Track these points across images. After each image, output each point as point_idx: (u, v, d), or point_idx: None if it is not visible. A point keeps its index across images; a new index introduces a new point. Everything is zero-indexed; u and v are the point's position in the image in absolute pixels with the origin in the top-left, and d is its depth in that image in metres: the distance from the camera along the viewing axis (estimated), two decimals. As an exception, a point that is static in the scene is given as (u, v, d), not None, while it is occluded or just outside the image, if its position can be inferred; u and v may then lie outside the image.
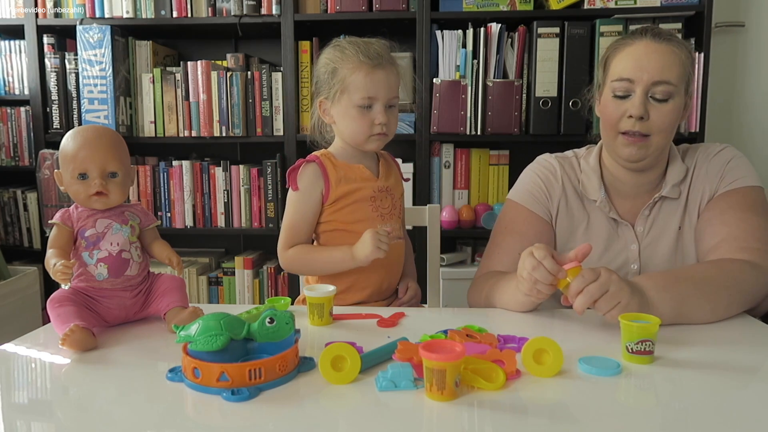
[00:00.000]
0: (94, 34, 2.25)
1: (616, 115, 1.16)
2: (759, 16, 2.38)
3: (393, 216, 1.25)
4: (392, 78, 1.18)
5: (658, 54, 1.13)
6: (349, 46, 1.17)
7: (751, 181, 1.19)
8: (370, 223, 1.21)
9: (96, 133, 1.03)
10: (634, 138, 1.15)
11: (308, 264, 1.22)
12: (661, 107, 1.13)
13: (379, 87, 1.15)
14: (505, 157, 2.32)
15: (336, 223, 1.22)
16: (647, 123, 1.13)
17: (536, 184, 1.28)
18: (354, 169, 1.21)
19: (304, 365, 0.82)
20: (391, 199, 1.24)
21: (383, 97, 1.16)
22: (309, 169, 1.20)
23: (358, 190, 1.20)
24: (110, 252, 1.01)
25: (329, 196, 1.20)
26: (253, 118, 2.31)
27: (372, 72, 1.15)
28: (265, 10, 2.25)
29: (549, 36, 2.13)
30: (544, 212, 1.27)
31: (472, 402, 0.73)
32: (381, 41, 1.21)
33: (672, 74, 1.12)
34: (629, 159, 1.17)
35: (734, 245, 1.11)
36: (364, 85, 1.15)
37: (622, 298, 0.93)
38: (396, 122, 1.21)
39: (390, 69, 1.17)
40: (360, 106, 1.16)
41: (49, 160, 2.31)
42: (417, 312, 1.13)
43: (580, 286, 0.93)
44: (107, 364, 0.87)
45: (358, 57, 1.15)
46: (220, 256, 2.62)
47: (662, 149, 1.18)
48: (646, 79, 1.12)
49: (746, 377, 0.83)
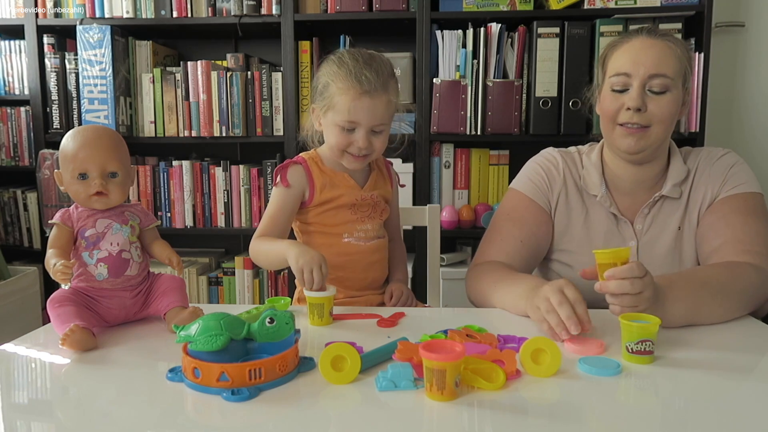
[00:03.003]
0: (94, 34, 2.25)
1: (614, 108, 1.18)
2: (759, 16, 2.38)
3: (374, 218, 1.27)
4: (379, 107, 1.14)
5: (653, 49, 1.15)
6: (350, 62, 1.15)
7: (752, 188, 1.20)
8: (350, 225, 1.24)
9: (96, 133, 1.04)
10: (632, 129, 1.16)
11: (257, 253, 1.22)
12: (659, 99, 1.15)
13: (363, 114, 1.14)
14: (505, 157, 2.32)
15: (318, 225, 1.24)
16: (646, 114, 1.15)
17: (538, 174, 1.30)
18: (339, 177, 1.23)
19: (304, 365, 0.82)
20: (373, 206, 1.26)
21: (366, 124, 1.15)
22: (297, 170, 1.22)
23: (340, 197, 1.22)
24: (110, 252, 1.01)
25: (313, 199, 1.22)
26: (253, 118, 2.31)
27: (359, 98, 1.13)
28: (265, 10, 2.25)
29: (549, 36, 2.13)
30: (544, 202, 1.29)
31: (472, 402, 0.73)
32: (385, 62, 1.18)
33: (668, 67, 1.14)
34: (628, 150, 1.18)
35: (738, 248, 1.12)
36: (348, 110, 1.13)
37: (644, 305, 0.92)
38: (383, 145, 1.19)
39: (379, 97, 1.14)
40: (342, 127, 1.16)
41: (49, 160, 2.31)
42: (417, 312, 1.13)
43: (626, 275, 0.90)
44: (107, 364, 0.87)
45: (350, 79, 1.13)
46: (220, 256, 2.62)
47: (661, 141, 1.19)
48: (642, 73, 1.14)
49: (746, 377, 0.83)
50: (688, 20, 2.11)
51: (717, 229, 1.17)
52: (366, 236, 1.25)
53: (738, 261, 1.10)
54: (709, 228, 1.18)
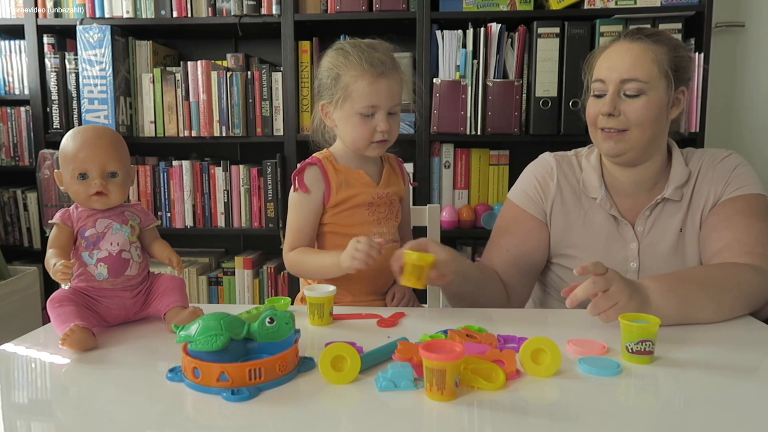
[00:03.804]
0: (94, 34, 2.25)
1: (593, 113, 1.22)
2: (759, 16, 2.38)
3: (390, 220, 1.26)
4: (395, 86, 1.17)
5: (628, 53, 1.18)
6: (354, 51, 1.16)
7: (755, 189, 1.21)
8: (367, 226, 1.22)
9: (96, 133, 1.03)
10: (610, 133, 1.20)
11: (303, 267, 1.22)
12: (633, 102, 1.17)
13: (382, 96, 1.16)
14: (505, 157, 2.32)
15: (333, 226, 1.23)
16: (620, 119, 1.18)
17: (532, 184, 1.32)
18: (354, 174, 1.22)
19: (304, 365, 0.82)
20: (389, 204, 1.25)
21: (385, 105, 1.16)
22: (312, 172, 1.21)
23: (357, 196, 1.21)
24: (110, 252, 1.01)
25: (330, 200, 1.21)
26: (253, 118, 2.31)
27: (376, 81, 1.14)
28: (265, 10, 2.25)
29: (549, 36, 2.13)
30: (538, 212, 1.30)
31: (472, 402, 0.73)
32: (384, 44, 1.20)
33: (640, 71, 1.16)
34: (608, 153, 1.22)
35: (739, 249, 1.12)
36: (368, 94, 1.15)
37: (620, 299, 0.95)
38: (398, 128, 1.21)
39: (393, 76, 1.17)
40: (362, 114, 1.16)
41: (49, 160, 2.31)
42: (417, 312, 1.13)
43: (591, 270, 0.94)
44: (107, 364, 0.87)
45: (362, 65, 1.14)
46: (220, 256, 2.62)
47: (643, 143, 1.19)
48: (615, 78, 1.17)
49: (746, 377, 0.83)
50: (688, 20, 2.11)
51: (719, 231, 1.17)
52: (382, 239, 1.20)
53: (736, 262, 1.10)
54: (712, 230, 1.19)
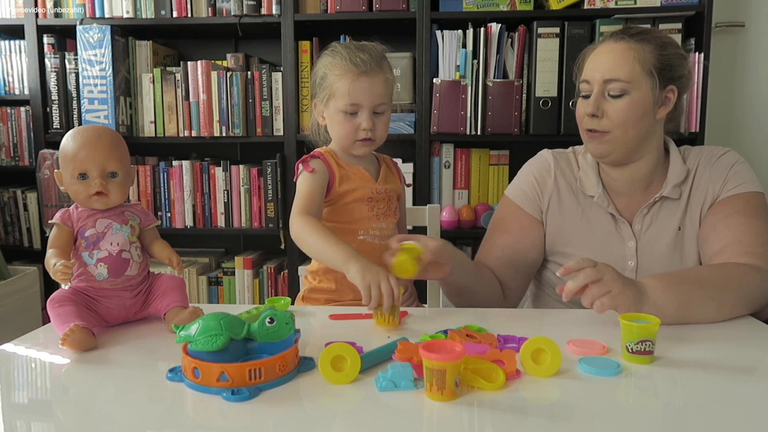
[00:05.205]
0: (94, 34, 2.25)
1: (579, 114, 1.23)
2: (759, 16, 2.38)
3: (388, 216, 1.26)
4: (378, 85, 1.17)
5: (611, 54, 1.18)
6: (342, 50, 1.19)
7: (753, 187, 1.20)
8: (366, 222, 1.23)
9: (96, 133, 1.03)
10: (594, 134, 1.21)
11: (307, 241, 1.13)
12: (616, 103, 1.17)
13: (364, 94, 1.16)
14: (505, 157, 2.32)
15: (331, 222, 1.23)
16: (603, 120, 1.18)
17: (528, 181, 1.32)
18: (354, 170, 1.24)
19: (304, 365, 0.82)
20: (387, 201, 1.26)
21: (368, 104, 1.17)
22: (317, 162, 1.22)
23: (357, 190, 1.22)
24: (110, 252, 1.01)
25: (332, 189, 1.21)
26: (253, 118, 2.31)
27: (356, 79, 1.16)
28: (265, 10, 2.25)
29: (549, 36, 2.13)
30: (534, 210, 1.30)
31: (472, 402, 0.73)
32: (376, 46, 1.21)
33: (622, 71, 1.16)
34: (593, 154, 1.24)
35: (739, 249, 1.12)
36: (348, 92, 1.16)
37: (613, 287, 0.95)
38: (385, 128, 1.22)
39: (376, 76, 1.17)
40: (345, 112, 1.18)
41: (49, 160, 2.31)
42: (417, 312, 1.13)
43: (575, 268, 0.95)
44: (107, 364, 0.87)
45: (345, 64, 1.17)
46: (220, 256, 2.62)
47: (627, 144, 1.19)
48: (598, 78, 1.18)
49: (746, 377, 0.83)
50: (688, 20, 2.11)
51: (719, 231, 1.17)
52: (381, 234, 1.23)
53: (737, 262, 1.10)
54: (711, 230, 1.19)
